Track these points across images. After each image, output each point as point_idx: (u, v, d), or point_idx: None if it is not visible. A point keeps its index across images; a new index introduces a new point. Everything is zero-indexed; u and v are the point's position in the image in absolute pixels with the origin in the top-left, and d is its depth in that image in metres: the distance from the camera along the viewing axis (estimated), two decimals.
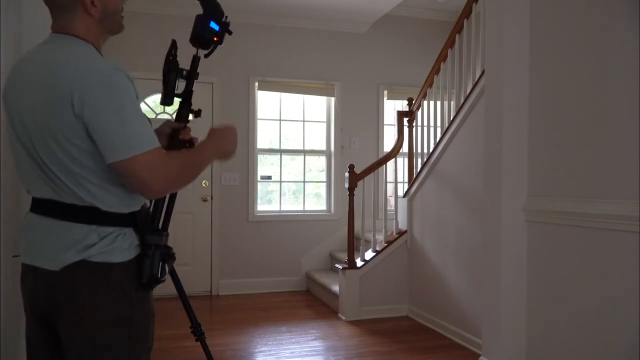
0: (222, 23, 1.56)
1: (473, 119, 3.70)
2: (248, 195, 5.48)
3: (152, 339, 1.43)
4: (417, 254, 4.50)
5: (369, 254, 4.61)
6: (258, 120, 5.57)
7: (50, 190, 1.31)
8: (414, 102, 4.75)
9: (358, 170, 4.56)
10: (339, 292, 4.57)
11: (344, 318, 4.44)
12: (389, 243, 4.62)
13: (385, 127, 5.94)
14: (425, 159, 4.41)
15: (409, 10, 5.80)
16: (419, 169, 4.50)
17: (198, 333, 2.03)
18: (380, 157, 5.24)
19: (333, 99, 5.78)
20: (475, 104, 3.64)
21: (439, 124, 4.35)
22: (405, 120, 4.86)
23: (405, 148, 4.89)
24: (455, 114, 3.92)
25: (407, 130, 4.85)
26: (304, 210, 5.77)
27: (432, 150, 4.30)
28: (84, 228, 1.29)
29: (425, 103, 4.53)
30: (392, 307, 4.59)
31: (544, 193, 2.75)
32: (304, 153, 5.82)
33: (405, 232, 4.65)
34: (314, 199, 5.88)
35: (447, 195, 4.07)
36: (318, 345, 3.82)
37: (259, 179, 5.63)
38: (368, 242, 4.73)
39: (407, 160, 4.91)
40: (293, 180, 5.82)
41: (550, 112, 2.71)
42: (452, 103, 4.14)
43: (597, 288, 2.41)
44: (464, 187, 3.84)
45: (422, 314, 4.39)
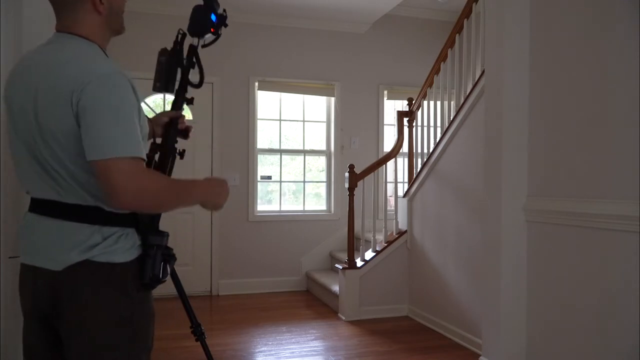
0: (219, 15, 1.59)
1: (473, 119, 3.70)
2: (248, 195, 5.48)
3: (152, 339, 1.43)
4: (417, 254, 4.50)
5: (369, 254, 4.61)
6: (258, 120, 5.57)
7: (52, 191, 1.31)
8: (414, 102, 4.75)
9: (358, 170, 4.56)
10: (339, 292, 4.57)
11: (344, 318, 4.44)
12: (389, 243, 4.62)
13: (385, 127, 5.94)
14: (425, 159, 4.41)
15: (409, 10, 5.80)
16: (419, 169, 4.50)
17: (198, 333, 2.03)
18: (380, 157, 5.24)
19: (333, 99, 5.78)
20: (475, 104, 3.64)
21: (439, 124, 4.35)
22: (405, 120, 4.86)
23: (405, 148, 4.89)
24: (455, 114, 3.92)
25: (407, 130, 4.85)
26: (304, 210, 5.77)
27: (432, 150, 4.30)
28: (88, 228, 1.29)
29: (425, 103, 4.53)
30: (392, 307, 4.59)
31: (544, 193, 2.75)
32: (304, 153, 5.81)
33: (405, 232, 4.65)
34: (314, 199, 5.88)
35: (447, 195, 4.07)
36: (318, 345, 3.82)
37: (259, 179, 5.63)
38: (368, 242, 4.73)
39: (407, 160, 4.91)
40: (293, 180, 5.82)
41: (550, 112, 2.71)
42: (452, 103, 4.14)
43: (597, 288, 2.41)
44: (464, 187, 3.84)
45: (422, 314, 4.39)
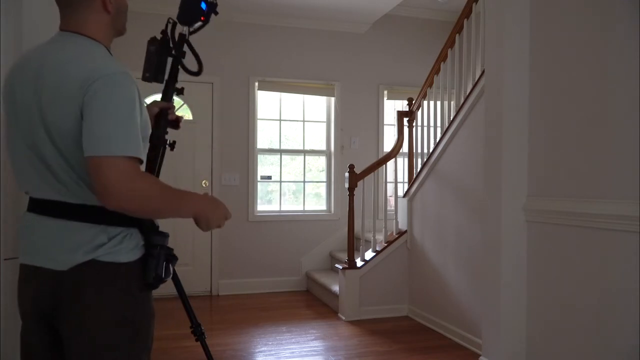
0: (210, 3, 1.59)
1: (473, 119, 3.70)
2: (248, 195, 5.48)
3: (151, 339, 1.43)
4: (417, 254, 4.50)
5: (369, 254, 4.61)
6: (258, 120, 5.57)
7: (54, 191, 1.30)
8: (414, 102, 4.75)
9: (358, 170, 4.56)
10: (339, 292, 4.57)
11: (344, 318, 4.44)
12: (389, 243, 4.62)
13: (385, 127, 5.94)
14: (425, 159, 4.41)
15: (409, 10, 5.80)
16: (419, 169, 4.50)
17: (198, 333, 2.03)
18: (380, 157, 5.24)
19: (333, 99, 5.78)
20: (475, 104, 3.64)
21: (439, 124, 4.35)
22: (405, 120, 4.86)
23: (405, 148, 4.88)
24: (455, 114, 3.92)
25: (407, 130, 4.85)
26: (304, 210, 5.77)
27: (432, 150, 4.30)
28: (94, 228, 1.29)
29: (425, 103, 4.53)
30: (392, 307, 4.59)
31: (544, 193, 2.75)
32: (304, 153, 5.81)
33: (405, 232, 4.64)
34: (314, 199, 5.88)
35: (447, 195, 4.07)
36: (318, 345, 3.82)
37: (259, 179, 5.63)
38: (368, 242, 4.73)
39: (407, 160, 4.91)
40: (293, 180, 5.82)
41: (550, 112, 2.71)
42: (452, 103, 4.14)
43: (597, 288, 2.41)
44: (464, 187, 3.84)
45: (422, 314, 4.39)
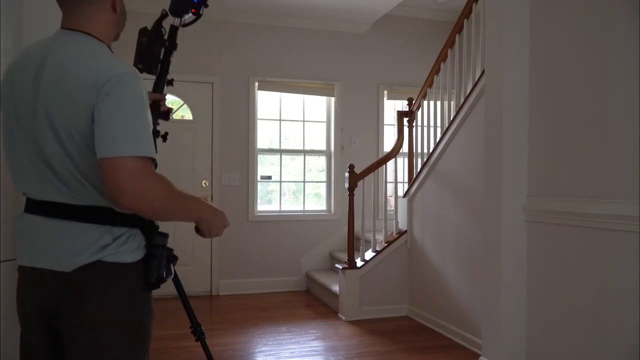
0: None
1: (473, 119, 3.70)
2: (248, 195, 5.48)
3: (150, 339, 1.43)
4: (417, 254, 4.50)
5: (369, 254, 4.61)
6: (258, 120, 5.57)
7: (58, 192, 1.29)
8: (414, 102, 4.75)
9: (358, 170, 4.55)
10: (339, 292, 4.57)
11: (344, 318, 4.44)
12: (389, 243, 4.62)
13: (385, 127, 5.94)
14: (425, 159, 4.41)
15: (409, 10, 5.80)
16: (419, 169, 4.50)
17: (198, 333, 2.03)
18: (380, 157, 5.24)
19: (333, 99, 5.78)
20: (475, 104, 3.64)
21: (439, 124, 4.35)
22: (405, 120, 4.86)
23: (405, 148, 4.88)
24: (455, 114, 3.92)
25: (407, 130, 4.85)
26: (304, 210, 5.77)
27: (432, 150, 4.30)
28: (99, 229, 1.29)
29: (425, 103, 4.53)
30: (392, 307, 4.59)
31: (544, 193, 2.75)
32: (304, 153, 5.81)
33: (405, 232, 4.64)
34: (314, 199, 5.88)
35: (447, 195, 4.07)
36: (318, 345, 3.82)
37: (259, 179, 5.63)
38: (368, 242, 4.73)
39: (407, 160, 4.91)
40: (293, 180, 5.82)
41: (550, 112, 2.71)
42: (452, 103, 4.14)
43: (597, 288, 2.41)
44: (464, 187, 3.84)
45: (422, 314, 4.39)
